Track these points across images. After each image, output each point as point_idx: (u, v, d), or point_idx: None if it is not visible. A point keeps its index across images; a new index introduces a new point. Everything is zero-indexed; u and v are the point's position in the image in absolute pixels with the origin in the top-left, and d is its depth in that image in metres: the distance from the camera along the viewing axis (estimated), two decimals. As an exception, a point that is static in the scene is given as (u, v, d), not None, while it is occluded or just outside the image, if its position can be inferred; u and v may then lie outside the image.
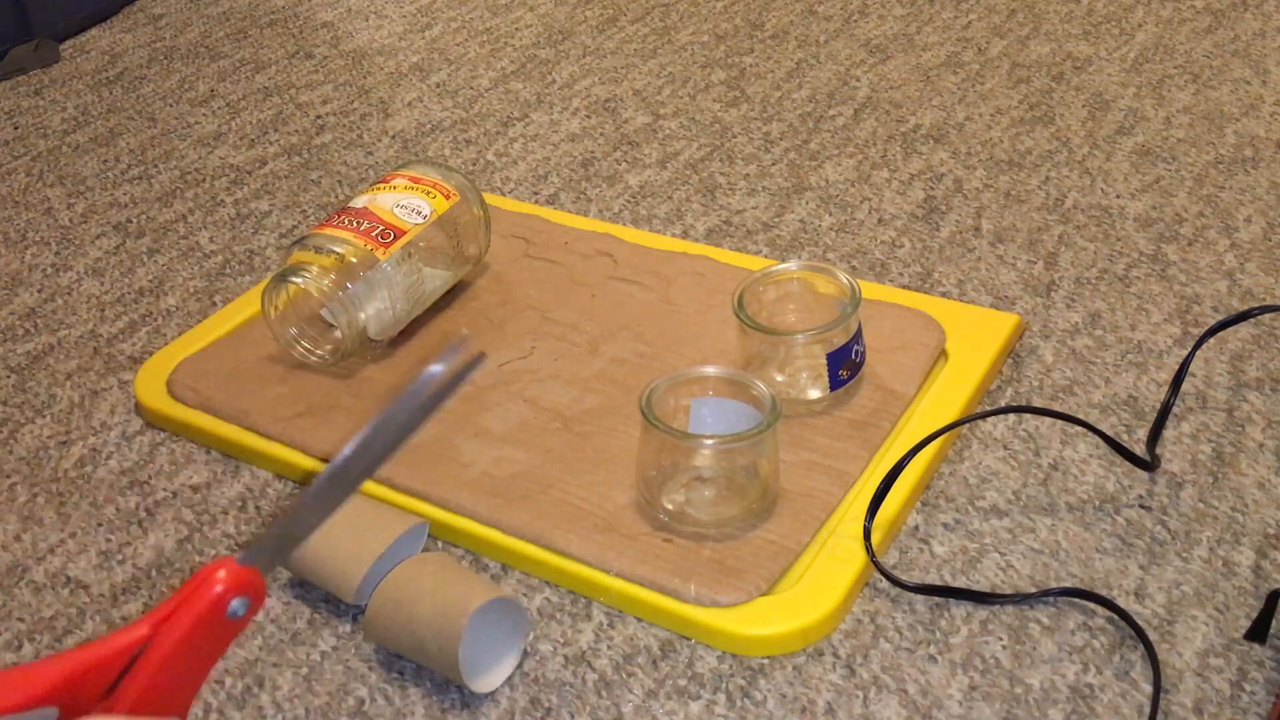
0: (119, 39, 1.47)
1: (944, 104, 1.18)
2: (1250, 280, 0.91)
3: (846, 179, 1.07)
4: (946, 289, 0.93)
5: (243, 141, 1.22)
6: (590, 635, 0.69)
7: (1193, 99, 1.15)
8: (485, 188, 1.11)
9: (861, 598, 0.70)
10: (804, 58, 1.29)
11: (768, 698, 0.65)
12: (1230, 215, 0.98)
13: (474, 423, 0.81)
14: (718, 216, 1.04)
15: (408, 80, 1.32)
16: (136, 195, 1.14)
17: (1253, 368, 0.83)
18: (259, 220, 1.09)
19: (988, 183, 1.05)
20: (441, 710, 0.66)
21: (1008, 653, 0.66)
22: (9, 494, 0.82)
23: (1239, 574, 0.69)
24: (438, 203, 0.89)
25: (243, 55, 1.41)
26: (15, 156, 1.23)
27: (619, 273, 0.94)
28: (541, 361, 0.86)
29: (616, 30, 1.39)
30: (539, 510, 0.74)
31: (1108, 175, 1.05)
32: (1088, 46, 1.26)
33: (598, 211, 1.06)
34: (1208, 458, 0.77)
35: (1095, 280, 0.92)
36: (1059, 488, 0.75)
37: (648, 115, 1.21)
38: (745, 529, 0.71)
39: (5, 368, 0.94)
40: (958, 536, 0.73)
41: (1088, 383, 0.83)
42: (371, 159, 1.17)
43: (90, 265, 1.05)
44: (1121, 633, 0.66)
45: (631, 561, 0.70)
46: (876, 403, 0.80)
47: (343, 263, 0.83)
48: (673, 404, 0.74)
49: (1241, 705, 0.62)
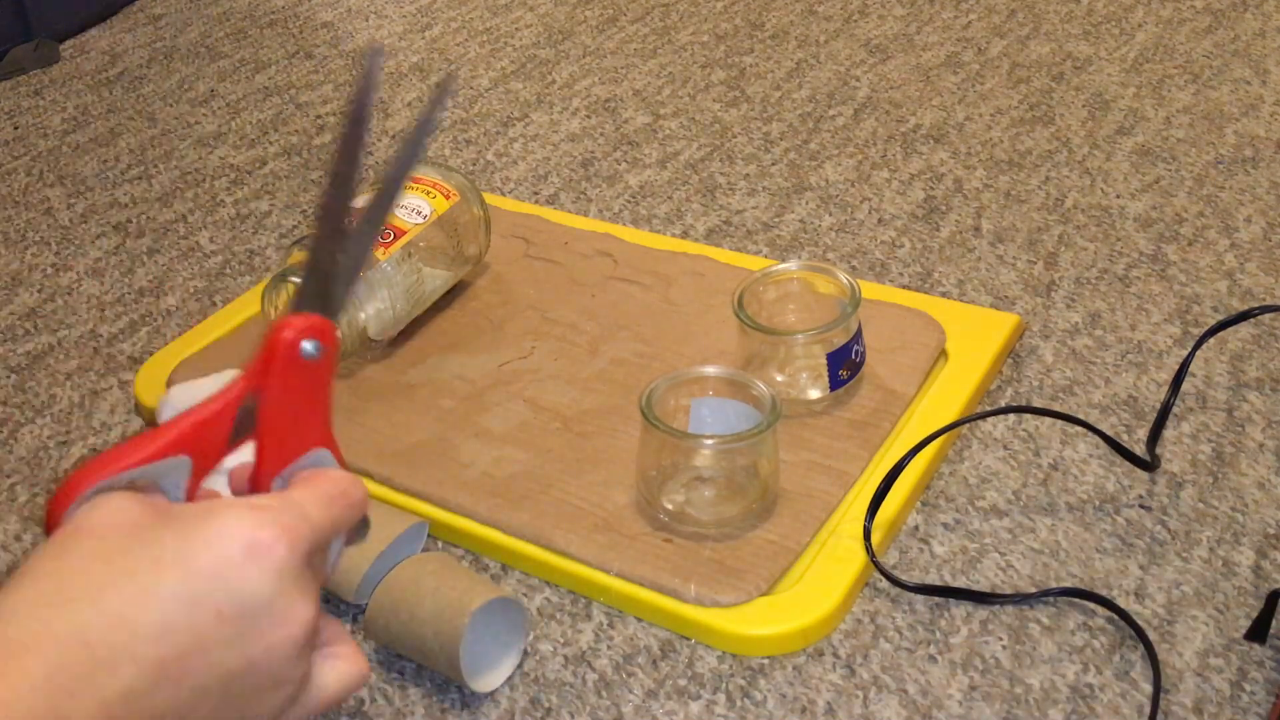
0: (119, 39, 1.47)
1: (944, 104, 1.18)
2: (1250, 280, 0.91)
3: (846, 179, 1.07)
4: (946, 289, 0.93)
5: (243, 141, 1.22)
6: (590, 635, 0.69)
7: (1193, 99, 1.15)
8: (485, 188, 1.11)
9: (861, 598, 0.70)
10: (804, 58, 1.29)
11: (768, 698, 0.65)
12: (1230, 215, 0.98)
13: (474, 423, 0.81)
14: (718, 216, 1.04)
15: (408, 80, 1.32)
16: (136, 195, 1.14)
17: (1253, 368, 0.83)
18: (259, 220, 1.09)
19: (988, 183, 1.05)
20: (441, 710, 0.66)
21: (1008, 653, 0.66)
22: (9, 494, 0.82)
23: (1239, 574, 0.69)
24: (438, 203, 0.89)
25: (243, 55, 1.41)
26: (15, 156, 1.23)
27: (619, 272, 0.94)
28: (541, 361, 0.86)
29: (616, 30, 1.39)
30: (539, 510, 0.74)
31: (1108, 175, 1.05)
32: (1088, 46, 1.26)
33: (598, 211, 1.06)
34: (1208, 458, 0.77)
35: (1095, 280, 0.92)
36: (1059, 488, 0.75)
37: (648, 115, 1.21)
38: (745, 529, 0.71)
39: (5, 368, 0.94)
40: (958, 536, 0.73)
41: (1088, 383, 0.83)
42: (371, 159, 1.17)
43: (90, 265, 1.05)
44: (1121, 633, 0.66)
45: (631, 561, 0.70)
46: (876, 403, 0.80)
47: (343, 263, 0.83)
48: (673, 404, 0.74)
49: (1241, 705, 0.62)
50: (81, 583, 0.42)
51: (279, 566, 0.45)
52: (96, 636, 0.41)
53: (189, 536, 0.44)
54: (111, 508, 0.45)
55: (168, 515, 0.45)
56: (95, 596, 0.42)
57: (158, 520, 0.45)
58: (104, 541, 0.44)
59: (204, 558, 0.44)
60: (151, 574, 0.43)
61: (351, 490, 0.50)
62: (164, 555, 0.43)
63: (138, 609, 0.42)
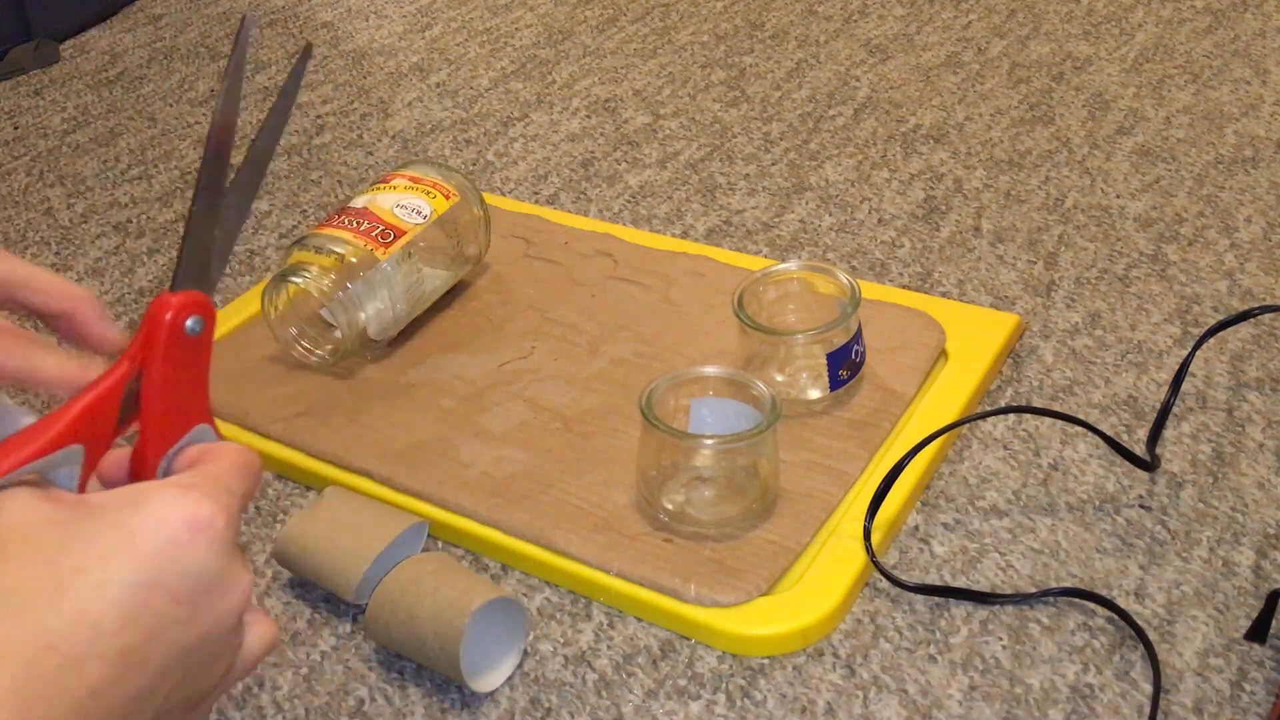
0: (119, 39, 1.47)
1: (944, 104, 1.18)
2: (1250, 280, 0.91)
3: (846, 179, 1.07)
4: (946, 289, 0.93)
5: (243, 142, 1.22)
6: (590, 635, 0.69)
7: (1193, 99, 1.15)
8: (485, 188, 1.11)
9: (861, 598, 0.70)
10: (804, 58, 1.29)
11: (768, 698, 0.65)
12: (1230, 215, 0.98)
13: (474, 423, 0.81)
14: (718, 216, 1.04)
15: (408, 80, 1.32)
16: (136, 195, 1.14)
17: (1253, 368, 0.83)
18: (259, 220, 1.09)
19: (988, 183, 1.05)
20: (441, 710, 0.66)
21: (1008, 653, 0.66)
22: (9, 494, 0.82)
23: (1239, 574, 0.69)
24: (438, 203, 0.89)
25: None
26: (15, 156, 1.23)
27: (619, 272, 0.94)
28: (541, 361, 0.86)
29: (616, 30, 1.39)
30: (539, 510, 0.74)
31: (1108, 175, 1.05)
32: (1088, 46, 1.26)
33: (598, 211, 1.06)
34: (1208, 458, 0.77)
35: (1095, 280, 0.92)
36: (1059, 488, 0.75)
37: (648, 115, 1.21)
38: (745, 529, 0.71)
39: (5, 368, 0.93)
40: (958, 536, 0.73)
41: (1088, 383, 0.83)
42: (371, 159, 1.17)
43: (90, 265, 1.05)
44: (1121, 633, 0.66)
45: (631, 561, 0.70)
46: (876, 403, 0.80)
47: (343, 263, 0.83)
48: (673, 404, 0.74)
49: (1241, 705, 0.62)
50: (32, 588, 0.42)
51: (221, 539, 0.46)
52: (60, 638, 0.42)
53: (127, 525, 0.44)
54: (20, 506, 0.44)
55: (88, 507, 0.45)
56: (51, 598, 0.42)
57: (80, 514, 0.45)
58: (33, 543, 0.43)
59: (150, 542, 0.44)
60: (101, 568, 0.43)
61: (253, 460, 0.51)
62: (108, 547, 0.44)
63: (97, 603, 0.43)
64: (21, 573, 0.43)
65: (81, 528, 0.44)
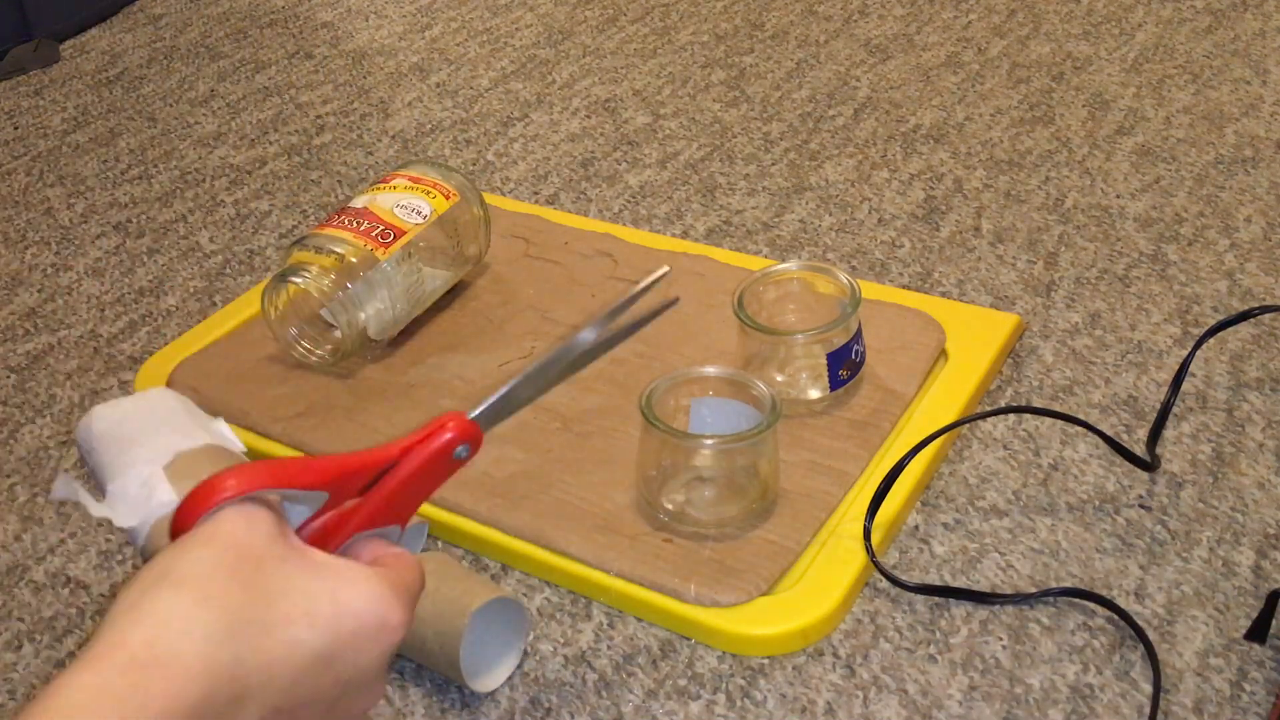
0: (119, 39, 1.47)
1: (944, 104, 1.18)
2: (1250, 280, 0.91)
3: (846, 179, 1.07)
4: (946, 289, 0.93)
5: (243, 141, 1.22)
6: (590, 635, 0.69)
7: (1193, 99, 1.15)
8: (485, 188, 1.11)
9: (861, 598, 0.70)
10: (804, 58, 1.29)
11: (768, 698, 0.65)
12: (1230, 215, 0.98)
13: (474, 423, 0.81)
14: (718, 216, 1.04)
15: (408, 80, 1.32)
16: (136, 195, 1.14)
17: (1253, 368, 0.83)
18: (259, 220, 1.09)
19: (988, 183, 1.05)
20: (441, 710, 0.66)
21: (1008, 653, 0.66)
22: (9, 494, 0.82)
23: (1239, 574, 0.69)
24: (438, 203, 0.89)
25: (243, 55, 1.41)
26: (15, 156, 1.23)
27: (619, 272, 0.94)
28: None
29: (616, 30, 1.39)
30: (539, 510, 0.74)
31: (1108, 175, 1.05)
32: (1088, 46, 1.26)
33: (598, 211, 1.06)
34: (1208, 458, 0.77)
35: (1095, 280, 0.92)
36: (1059, 488, 0.75)
37: (648, 115, 1.21)
38: (745, 529, 0.71)
39: (5, 368, 0.94)
40: (958, 536, 0.73)
41: (1088, 383, 0.83)
42: (371, 159, 1.17)
43: (90, 265, 1.05)
44: (1121, 633, 0.66)
45: (631, 561, 0.70)
46: (876, 403, 0.80)
47: (343, 263, 0.83)
48: (673, 404, 0.74)
49: (1241, 705, 0.62)
50: (245, 617, 0.45)
51: (393, 646, 0.49)
52: (245, 673, 0.44)
53: (340, 598, 0.47)
54: (264, 529, 0.47)
55: (314, 563, 0.48)
56: (256, 634, 0.45)
57: (307, 567, 0.47)
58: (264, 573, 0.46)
59: (350, 625, 0.47)
60: (306, 627, 0.46)
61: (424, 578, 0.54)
62: (318, 611, 0.46)
63: (283, 661, 0.45)
64: (244, 596, 0.45)
65: (305, 582, 0.47)
